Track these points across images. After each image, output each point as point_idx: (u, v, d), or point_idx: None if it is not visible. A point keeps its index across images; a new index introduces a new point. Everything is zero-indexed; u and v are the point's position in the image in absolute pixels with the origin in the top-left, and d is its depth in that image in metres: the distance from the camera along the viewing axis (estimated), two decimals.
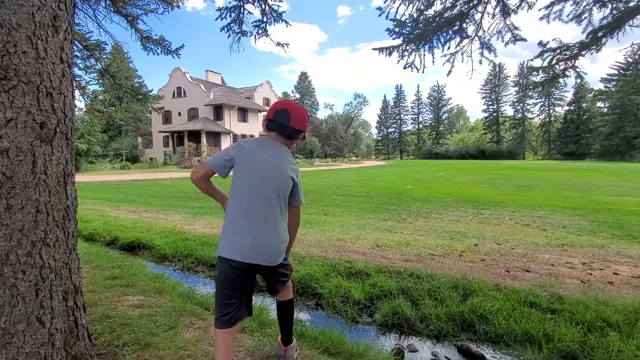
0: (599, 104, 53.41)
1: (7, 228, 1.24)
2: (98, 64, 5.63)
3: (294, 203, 1.76)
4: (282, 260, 1.73)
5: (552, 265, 3.72)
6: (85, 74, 5.75)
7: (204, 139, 32.70)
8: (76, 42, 4.90)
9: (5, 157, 1.24)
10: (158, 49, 5.20)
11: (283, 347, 1.95)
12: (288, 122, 1.69)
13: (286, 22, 4.47)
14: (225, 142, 34.33)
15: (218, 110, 35.31)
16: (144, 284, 3.21)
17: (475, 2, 4.17)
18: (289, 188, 1.69)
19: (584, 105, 56.75)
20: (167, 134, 35.68)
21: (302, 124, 1.73)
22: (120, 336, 2.17)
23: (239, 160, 1.64)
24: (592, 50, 4.06)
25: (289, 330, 1.96)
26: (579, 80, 4.72)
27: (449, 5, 4.23)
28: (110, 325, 2.30)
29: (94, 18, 4.59)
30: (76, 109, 1.70)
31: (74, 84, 1.53)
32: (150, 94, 6.77)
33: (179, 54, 5.36)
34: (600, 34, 3.85)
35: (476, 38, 4.49)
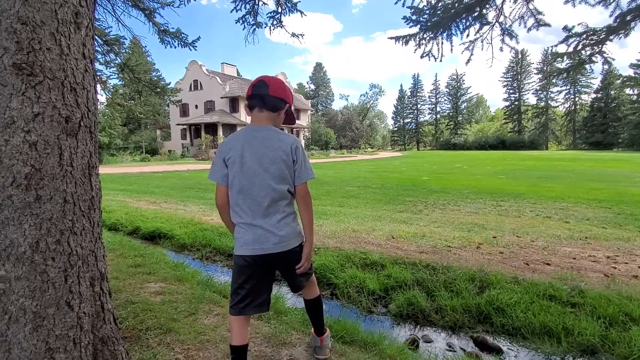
0: (628, 90, 50.78)
1: (37, 217, 1.31)
2: (117, 58, 5.77)
3: (296, 182, 1.65)
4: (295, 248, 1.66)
5: (574, 258, 3.62)
6: (106, 69, 5.91)
7: (220, 131, 33.09)
8: (96, 37, 5.02)
9: (34, 150, 1.30)
10: (175, 42, 5.27)
11: (318, 337, 1.96)
12: (267, 91, 1.63)
13: (301, 12, 4.44)
14: None
15: (234, 103, 35.61)
16: (164, 272, 3.32)
17: None
18: (284, 170, 1.60)
19: (612, 92, 54.08)
20: (185, 126, 36.28)
21: (284, 92, 1.67)
22: (144, 321, 2.27)
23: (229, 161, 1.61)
24: (621, 35, 3.87)
25: (320, 323, 1.97)
26: (606, 67, 4.49)
27: None
28: (134, 311, 2.40)
29: (112, 13, 4.69)
30: (98, 103, 1.76)
31: (96, 79, 1.58)
32: (168, 87, 6.91)
33: (196, 47, 5.42)
34: (628, 18, 3.66)
35: (497, 24, 4.34)
